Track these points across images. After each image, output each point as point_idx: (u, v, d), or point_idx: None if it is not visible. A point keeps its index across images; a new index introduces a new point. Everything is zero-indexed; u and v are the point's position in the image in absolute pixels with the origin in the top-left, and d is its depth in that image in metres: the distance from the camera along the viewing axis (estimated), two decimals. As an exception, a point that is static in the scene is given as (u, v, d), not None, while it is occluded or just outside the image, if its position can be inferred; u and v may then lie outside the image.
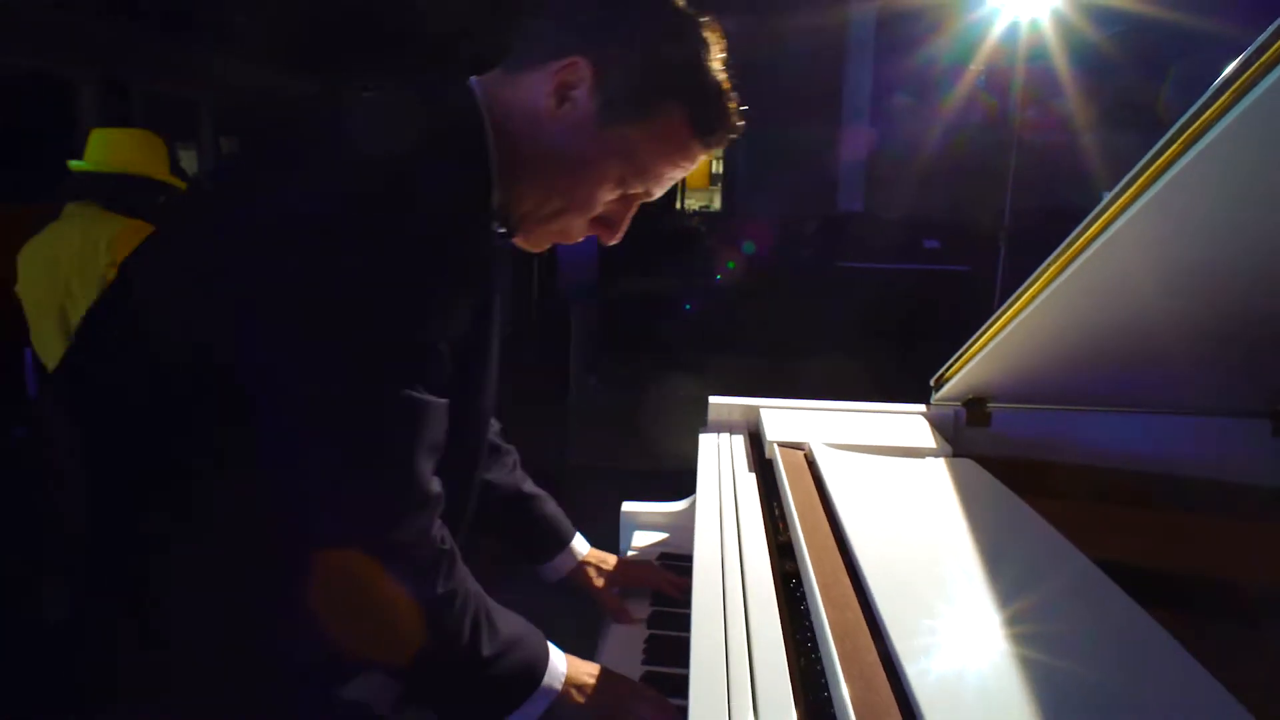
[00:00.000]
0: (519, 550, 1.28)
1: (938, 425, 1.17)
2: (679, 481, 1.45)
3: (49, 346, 2.31)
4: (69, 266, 2.22)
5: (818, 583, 0.72)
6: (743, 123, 0.95)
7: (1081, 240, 0.83)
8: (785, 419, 1.24)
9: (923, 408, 1.23)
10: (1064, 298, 0.91)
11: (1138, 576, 0.74)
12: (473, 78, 0.92)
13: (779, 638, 0.69)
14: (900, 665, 0.59)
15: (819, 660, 0.66)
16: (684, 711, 0.64)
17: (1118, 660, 0.60)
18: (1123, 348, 0.97)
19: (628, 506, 1.46)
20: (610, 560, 1.32)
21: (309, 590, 0.76)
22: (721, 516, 0.96)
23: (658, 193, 0.99)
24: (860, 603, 0.70)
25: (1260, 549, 0.93)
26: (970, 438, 1.18)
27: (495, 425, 1.20)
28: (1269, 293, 0.82)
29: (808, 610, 0.73)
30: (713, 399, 1.39)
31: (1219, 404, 1.06)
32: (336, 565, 0.77)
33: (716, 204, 11.22)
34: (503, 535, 1.25)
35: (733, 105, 0.93)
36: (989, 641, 0.62)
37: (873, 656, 0.62)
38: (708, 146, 0.96)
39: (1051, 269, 0.89)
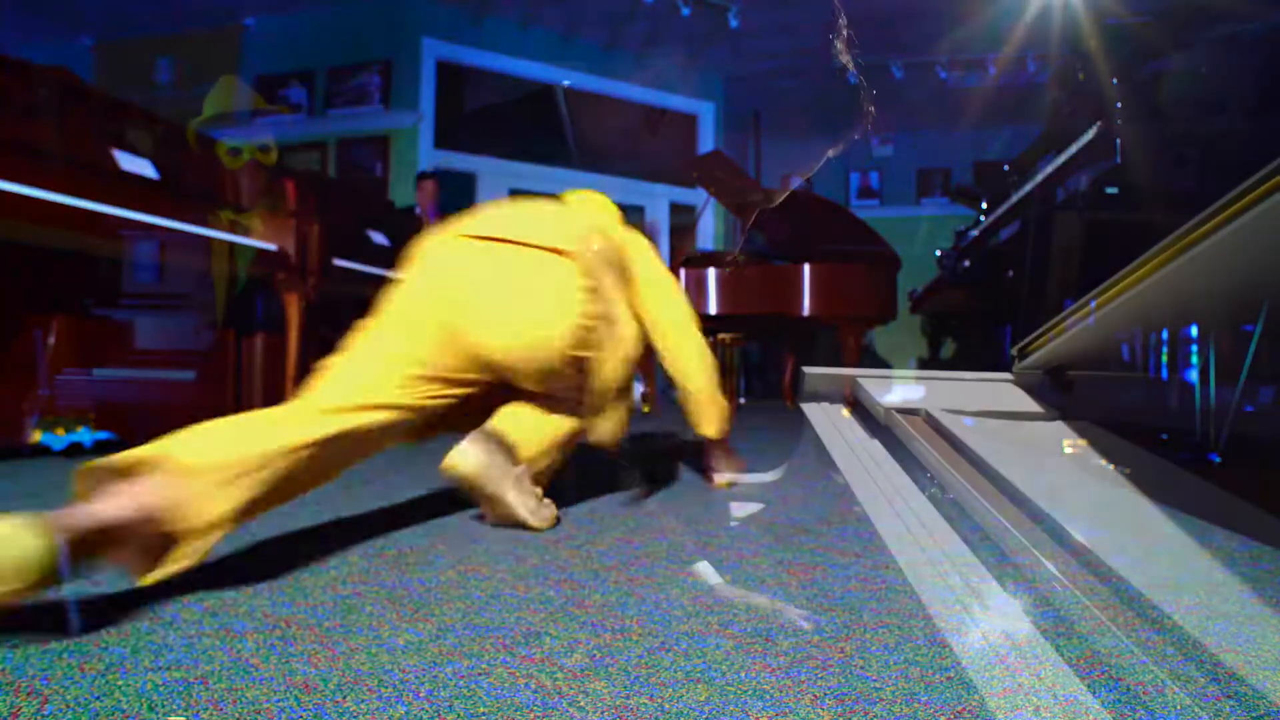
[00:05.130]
0: None
1: (1030, 391, 1.33)
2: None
3: None
4: None
5: (1004, 516, 0.86)
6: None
7: (1192, 235, 0.98)
8: (885, 388, 1.38)
9: (1009, 375, 1.38)
10: (1164, 286, 1.05)
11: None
12: None
13: (971, 554, 0.83)
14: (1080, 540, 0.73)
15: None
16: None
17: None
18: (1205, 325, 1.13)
19: (720, 478, 1.58)
20: None
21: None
22: (872, 477, 1.10)
23: None
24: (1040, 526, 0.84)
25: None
26: (1054, 402, 1.34)
27: None
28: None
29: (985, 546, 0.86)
30: (807, 370, 1.52)
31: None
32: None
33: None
34: None
35: None
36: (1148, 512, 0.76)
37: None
38: None
39: (1160, 258, 1.04)
